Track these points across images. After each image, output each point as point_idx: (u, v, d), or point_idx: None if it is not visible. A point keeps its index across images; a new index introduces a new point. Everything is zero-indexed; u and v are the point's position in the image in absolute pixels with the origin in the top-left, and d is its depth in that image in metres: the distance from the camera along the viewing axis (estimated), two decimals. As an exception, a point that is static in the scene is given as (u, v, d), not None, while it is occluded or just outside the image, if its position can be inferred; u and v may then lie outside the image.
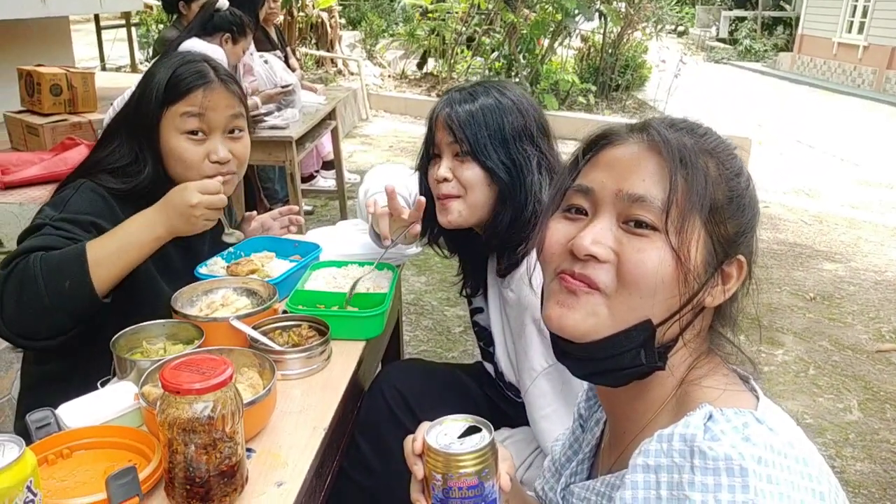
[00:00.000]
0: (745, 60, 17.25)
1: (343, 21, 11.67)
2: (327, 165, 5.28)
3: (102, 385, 1.13)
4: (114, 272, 1.24)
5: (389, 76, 9.66)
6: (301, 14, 8.43)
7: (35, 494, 0.77)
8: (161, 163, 1.40)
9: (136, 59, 6.96)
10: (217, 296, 1.38)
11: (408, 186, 1.61)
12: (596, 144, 0.82)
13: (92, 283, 1.21)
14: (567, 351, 0.79)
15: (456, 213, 1.34)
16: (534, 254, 0.85)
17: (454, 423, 0.82)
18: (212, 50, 3.30)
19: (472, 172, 1.31)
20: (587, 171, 0.80)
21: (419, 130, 1.42)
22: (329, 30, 8.66)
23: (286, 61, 5.30)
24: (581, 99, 8.57)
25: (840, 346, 3.37)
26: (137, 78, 1.57)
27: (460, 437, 0.80)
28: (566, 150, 1.13)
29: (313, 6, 8.49)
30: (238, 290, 1.40)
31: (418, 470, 0.80)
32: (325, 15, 8.51)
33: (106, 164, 1.39)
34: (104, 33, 6.82)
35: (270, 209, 4.57)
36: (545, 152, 1.34)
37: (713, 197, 0.74)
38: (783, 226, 5.18)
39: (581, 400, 1.00)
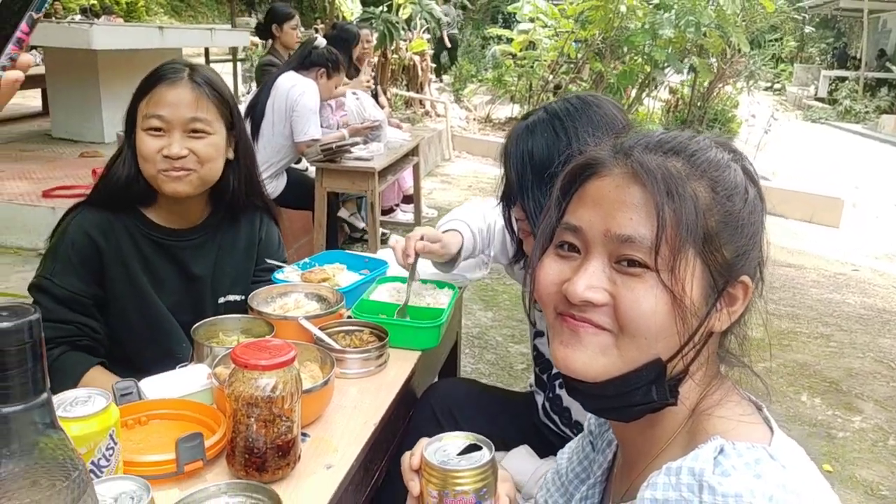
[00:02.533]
0: (844, 121, 16.63)
1: (434, 65, 12.07)
2: (407, 200, 5.46)
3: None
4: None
5: (474, 119, 9.89)
6: (394, 56, 8.80)
7: (115, 443, 0.87)
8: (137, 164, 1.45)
9: (238, 91, 7.45)
10: (290, 299, 1.49)
11: (485, 217, 1.68)
12: (581, 174, 0.78)
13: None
14: (577, 388, 0.77)
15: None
16: None
17: (454, 440, 0.81)
18: (307, 84, 3.54)
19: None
20: (576, 205, 0.77)
21: (499, 172, 1.47)
22: (420, 72, 8.99)
23: (376, 99, 5.57)
24: (666, 150, 8.50)
25: (926, 418, 3.18)
26: (241, 110, 1.62)
27: (459, 453, 0.78)
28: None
29: (406, 49, 8.85)
30: (309, 295, 1.51)
31: (414, 486, 0.79)
32: (416, 58, 8.85)
33: (110, 179, 1.47)
34: (212, 66, 7.35)
35: (349, 238, 4.74)
36: None
37: (705, 226, 0.71)
38: (872, 290, 4.95)
39: (591, 416, 0.96)
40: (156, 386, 1.15)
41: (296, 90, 3.52)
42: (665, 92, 9.93)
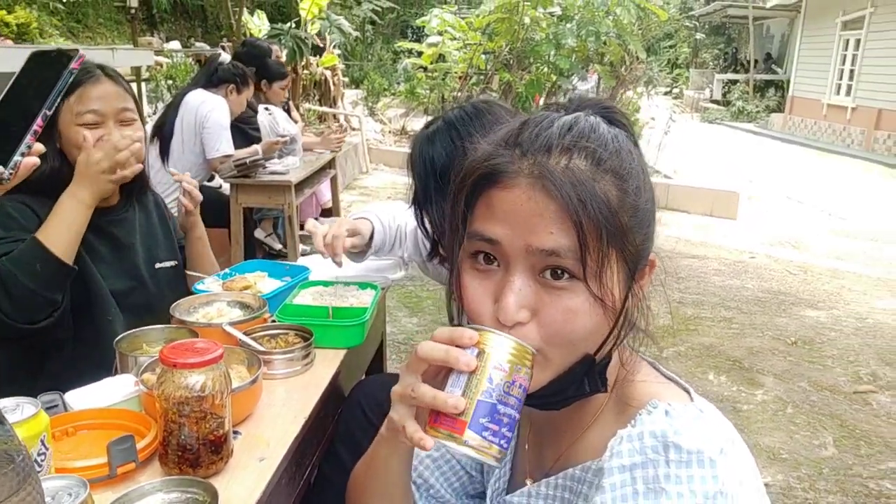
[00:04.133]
0: (737, 121, 17.72)
1: (346, 80, 12.10)
2: (325, 213, 5.46)
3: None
4: (68, 243, 1.45)
5: (390, 132, 9.98)
6: (305, 72, 8.78)
7: (47, 449, 0.89)
8: (62, 156, 1.56)
9: (144, 112, 7.25)
10: (213, 308, 1.52)
11: (396, 217, 1.75)
12: (482, 182, 0.74)
13: (57, 257, 1.41)
14: None
15: None
16: None
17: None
18: (216, 100, 3.53)
19: None
20: (486, 216, 0.73)
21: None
22: (332, 87, 9.01)
23: (289, 114, 5.56)
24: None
25: (818, 387, 3.46)
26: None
27: None
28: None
29: (317, 64, 8.85)
30: (232, 303, 1.54)
31: (468, 361, 0.68)
32: (328, 73, 8.87)
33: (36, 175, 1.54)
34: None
35: (268, 254, 4.70)
36: None
37: (620, 225, 0.71)
38: (768, 275, 5.32)
39: None
40: (82, 397, 1.16)
41: (205, 107, 3.49)
42: (571, 99, 10.33)
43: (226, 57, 3.77)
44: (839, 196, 8.97)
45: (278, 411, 1.23)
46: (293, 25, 8.41)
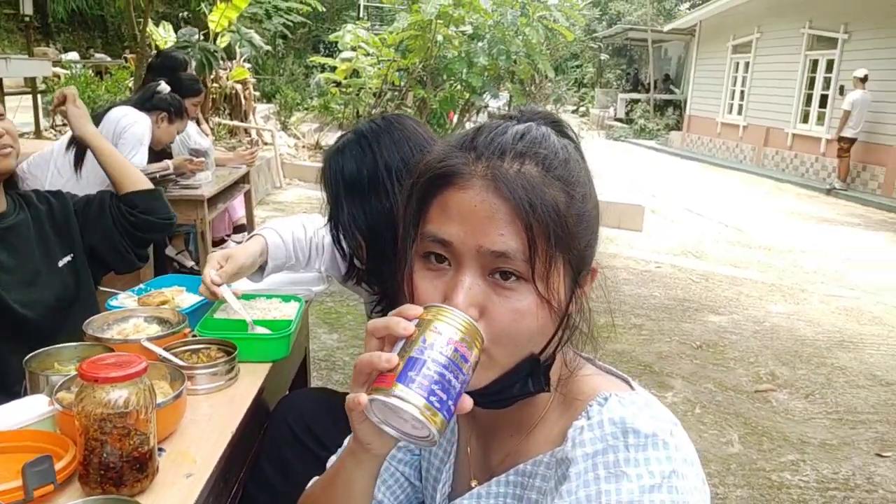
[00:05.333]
0: (640, 138, 18.57)
1: (258, 94, 11.88)
2: (238, 229, 5.33)
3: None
4: None
5: (304, 146, 9.86)
6: (215, 85, 8.57)
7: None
8: None
9: (40, 126, 6.86)
10: (129, 324, 1.46)
11: (306, 229, 1.73)
12: (436, 182, 0.76)
13: None
14: None
15: None
16: None
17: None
18: (140, 116, 3.40)
19: None
20: (438, 216, 0.76)
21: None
22: (243, 101, 8.82)
23: (199, 126, 5.42)
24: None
25: (723, 388, 3.66)
26: (42, 143, 1.71)
27: None
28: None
29: (227, 78, 8.66)
30: (149, 318, 1.49)
31: (406, 326, 0.71)
32: (238, 87, 8.68)
33: None
34: (8, 99, 6.71)
35: (180, 270, 4.55)
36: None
37: (567, 229, 0.73)
38: (673, 283, 5.59)
39: None
40: (-10, 420, 1.09)
41: (126, 119, 3.35)
42: (485, 116, 10.56)
43: (165, 88, 3.65)
44: (734, 208, 9.56)
45: (204, 427, 1.20)
46: (201, 38, 8.20)
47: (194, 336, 1.46)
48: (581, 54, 20.01)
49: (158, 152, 3.89)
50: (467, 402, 0.71)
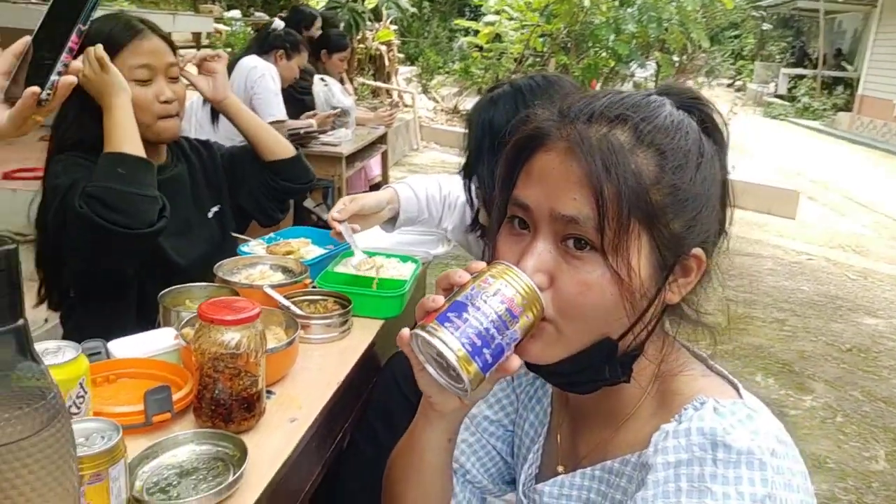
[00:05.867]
0: (803, 118, 17.07)
1: (402, 56, 12.10)
2: (374, 188, 5.48)
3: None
4: (132, 139, 1.44)
5: (442, 110, 9.94)
6: (361, 45, 8.79)
7: (86, 392, 0.90)
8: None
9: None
10: (255, 270, 1.52)
11: (441, 188, 1.73)
12: (528, 145, 0.75)
13: (131, 154, 1.42)
14: (535, 368, 0.78)
15: None
16: None
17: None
18: (267, 66, 3.56)
19: None
20: (524, 180, 0.74)
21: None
22: (387, 62, 9.01)
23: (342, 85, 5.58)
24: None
25: (872, 398, 3.32)
26: (192, 94, 1.76)
27: None
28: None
29: (373, 39, 8.85)
30: (274, 266, 1.54)
31: (461, 275, 0.72)
32: (383, 48, 8.86)
33: (66, 141, 1.54)
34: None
35: (317, 222, 4.77)
36: None
37: (651, 202, 0.68)
38: (826, 278, 5.13)
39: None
40: (124, 346, 1.18)
41: (255, 72, 3.52)
42: (630, 86, 10.11)
43: (279, 24, 3.80)
44: (907, 201, 8.59)
45: (313, 375, 1.23)
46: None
47: (314, 287, 1.49)
48: (741, 24, 18.56)
49: (301, 108, 4.05)
50: (514, 362, 0.70)
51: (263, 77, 3.52)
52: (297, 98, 4.39)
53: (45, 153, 1.57)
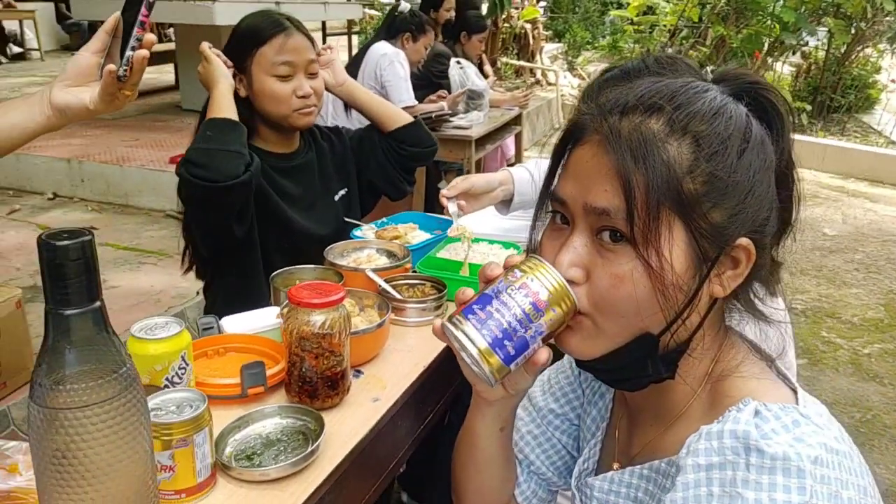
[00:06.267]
0: None
1: (550, 33, 11.90)
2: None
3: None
4: (227, 109, 1.60)
5: (588, 88, 9.68)
6: (506, 25, 8.76)
7: (187, 364, 1.01)
8: (250, 106, 1.71)
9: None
10: (363, 254, 1.60)
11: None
12: (569, 140, 0.75)
13: (219, 117, 1.58)
14: (580, 363, 0.78)
15: None
16: None
17: None
18: (395, 52, 3.66)
19: None
20: (563, 175, 0.75)
21: None
22: (531, 40, 8.91)
23: (481, 68, 5.61)
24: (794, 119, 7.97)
25: None
26: None
27: None
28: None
29: (518, 17, 8.78)
30: (381, 250, 1.61)
31: (493, 268, 0.75)
32: (528, 26, 8.77)
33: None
34: (329, 40, 7.65)
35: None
36: None
37: (684, 191, 0.66)
38: None
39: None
40: (235, 323, 1.30)
41: (385, 59, 3.64)
42: (798, 57, 9.25)
43: (405, 6, 3.89)
44: None
45: (402, 357, 1.29)
46: (497, -23, 8.37)
47: (414, 272, 1.55)
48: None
49: (430, 89, 4.13)
50: (542, 355, 0.72)
51: (392, 64, 3.63)
52: (435, 82, 4.49)
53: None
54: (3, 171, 4.66)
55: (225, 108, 1.60)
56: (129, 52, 0.96)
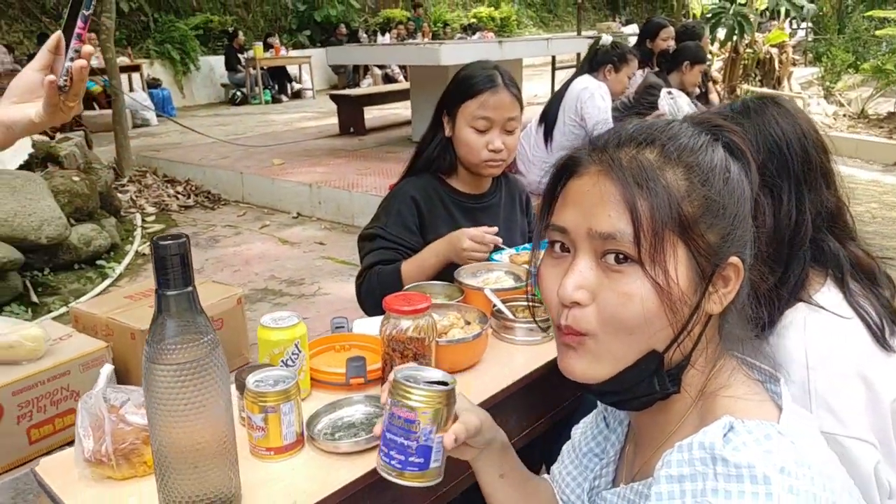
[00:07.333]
0: None
1: (809, 56, 10.92)
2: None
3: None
4: (417, 279, 1.76)
5: (845, 115, 8.70)
6: (749, 50, 8.26)
7: (300, 351, 1.24)
8: (449, 146, 1.89)
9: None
10: (493, 275, 1.74)
11: None
12: (563, 174, 0.81)
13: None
14: (586, 387, 0.81)
15: None
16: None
17: (430, 372, 0.93)
18: (597, 86, 3.73)
19: None
20: (560, 206, 0.80)
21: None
22: (777, 66, 8.29)
23: (706, 97, 5.42)
24: None
25: None
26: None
27: (427, 382, 0.89)
28: None
29: (763, 42, 8.24)
30: (508, 273, 1.74)
31: (383, 395, 0.91)
32: (774, 50, 8.17)
33: (422, 162, 1.93)
34: (558, 73, 7.89)
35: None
36: None
37: (683, 213, 0.72)
38: None
39: None
40: (363, 325, 1.53)
41: (585, 93, 3.72)
42: None
43: (607, 39, 3.94)
44: None
45: (496, 370, 1.40)
46: (740, 2, 7.97)
47: (533, 296, 1.65)
48: None
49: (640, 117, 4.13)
50: (448, 441, 0.86)
51: (593, 97, 3.71)
52: (643, 114, 4.46)
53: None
54: (262, 192, 5.60)
55: (424, 271, 1.78)
56: (67, 63, 1.00)
